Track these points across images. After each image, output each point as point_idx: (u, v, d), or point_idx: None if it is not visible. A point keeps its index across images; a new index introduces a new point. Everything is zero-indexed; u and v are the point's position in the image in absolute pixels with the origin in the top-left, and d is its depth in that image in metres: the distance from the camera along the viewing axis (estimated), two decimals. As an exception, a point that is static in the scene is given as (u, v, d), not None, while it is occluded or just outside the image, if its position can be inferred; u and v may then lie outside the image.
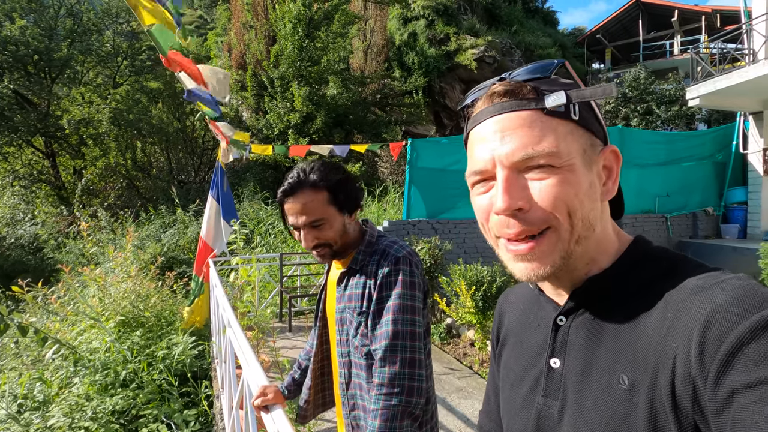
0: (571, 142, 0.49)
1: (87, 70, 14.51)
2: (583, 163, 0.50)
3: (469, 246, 6.67)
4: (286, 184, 1.16)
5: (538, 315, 0.61)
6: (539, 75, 0.51)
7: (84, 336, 3.90)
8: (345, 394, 1.20)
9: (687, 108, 11.39)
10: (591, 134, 0.52)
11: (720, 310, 0.41)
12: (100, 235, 8.42)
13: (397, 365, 1.03)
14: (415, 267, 1.13)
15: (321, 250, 1.17)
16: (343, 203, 1.17)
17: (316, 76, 10.78)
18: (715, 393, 0.39)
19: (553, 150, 0.48)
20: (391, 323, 1.06)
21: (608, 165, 0.53)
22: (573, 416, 0.51)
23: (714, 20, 16.12)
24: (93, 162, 12.78)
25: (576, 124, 0.50)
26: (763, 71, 7.05)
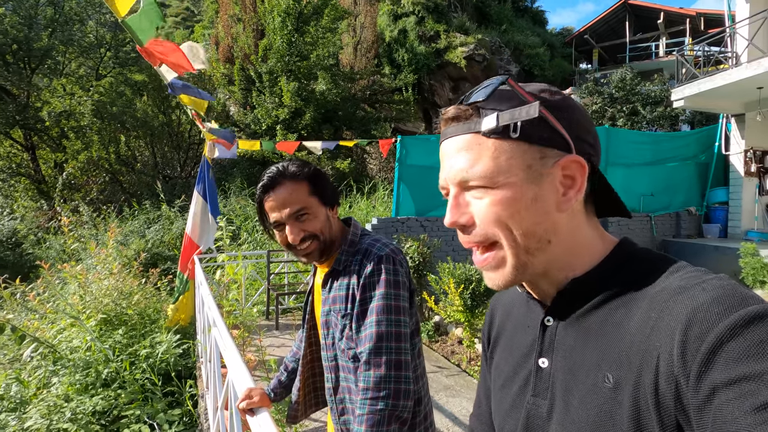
0: (510, 161, 0.51)
1: (69, 60, 14.13)
2: (527, 178, 0.51)
3: (458, 244, 6.68)
4: (265, 179, 1.13)
5: (528, 316, 0.62)
6: (481, 98, 0.53)
7: (64, 334, 3.79)
8: (333, 399, 1.17)
9: (672, 109, 11.58)
10: (541, 147, 0.52)
11: (701, 310, 0.42)
12: (81, 230, 8.21)
13: (382, 368, 1.00)
14: (399, 265, 1.10)
15: (309, 244, 1.12)
16: (323, 194, 1.15)
17: (305, 71, 10.67)
18: (696, 391, 0.40)
19: (485, 172, 0.52)
20: (375, 324, 1.03)
21: (570, 174, 0.53)
22: (561, 415, 0.52)
23: (698, 23, 16.41)
24: (75, 155, 12.45)
25: (517, 141, 0.51)
26: (745, 74, 7.20)
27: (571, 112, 0.54)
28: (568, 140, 0.52)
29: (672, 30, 17.59)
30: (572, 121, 0.53)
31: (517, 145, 0.52)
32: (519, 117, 0.50)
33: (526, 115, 0.50)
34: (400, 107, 13.34)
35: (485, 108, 0.53)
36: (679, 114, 12.23)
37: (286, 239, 1.13)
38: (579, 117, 0.54)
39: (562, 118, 0.52)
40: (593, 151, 0.55)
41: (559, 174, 0.53)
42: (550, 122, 0.52)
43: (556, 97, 0.54)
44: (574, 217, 0.55)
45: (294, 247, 1.13)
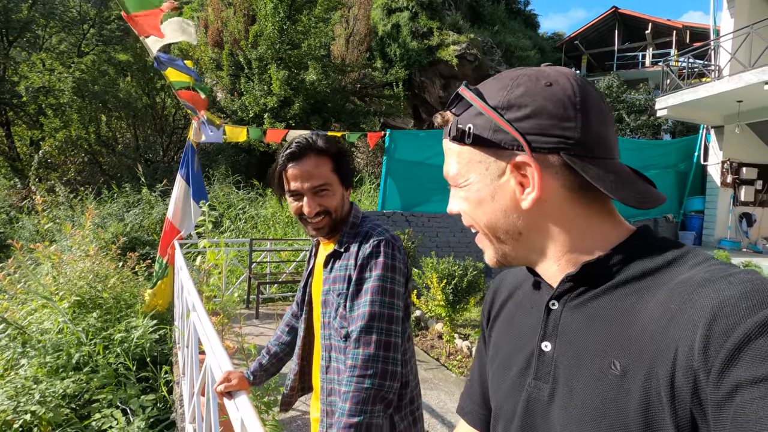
0: (469, 164, 0.56)
1: (49, 35, 13.62)
2: (484, 180, 0.55)
3: (442, 240, 6.72)
4: (293, 147, 1.14)
5: (532, 298, 0.62)
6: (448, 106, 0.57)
7: (35, 316, 3.68)
8: (324, 377, 1.18)
9: (655, 118, 11.86)
10: (496, 150, 0.54)
11: (728, 304, 0.41)
12: (57, 211, 7.97)
13: (371, 347, 1.02)
14: (398, 251, 1.12)
15: (321, 219, 1.15)
16: (344, 174, 1.18)
17: (295, 60, 10.52)
18: (717, 387, 0.39)
19: (452, 173, 0.58)
20: (369, 304, 1.05)
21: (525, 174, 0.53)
22: (563, 399, 0.51)
23: (684, 36, 16.82)
24: (52, 134, 12.04)
25: (473, 146, 0.55)
26: (726, 87, 7.41)
27: (537, 104, 0.51)
28: (519, 140, 0.51)
29: (659, 41, 17.98)
30: (534, 114, 0.51)
31: (472, 149, 0.55)
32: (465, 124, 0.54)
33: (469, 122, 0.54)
34: (390, 102, 13.30)
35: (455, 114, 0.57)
36: (662, 123, 12.53)
37: (300, 209, 1.14)
38: (547, 107, 0.51)
39: (517, 116, 0.51)
40: (570, 143, 0.51)
41: (515, 174, 0.53)
42: (499, 124, 0.52)
43: (514, 92, 0.52)
44: (557, 211, 0.54)
45: (306, 218, 1.15)
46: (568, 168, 0.52)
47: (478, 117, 0.53)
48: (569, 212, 0.54)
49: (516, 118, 0.51)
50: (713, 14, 9.66)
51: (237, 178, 10.18)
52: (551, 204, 0.53)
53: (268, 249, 6.31)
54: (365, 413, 0.97)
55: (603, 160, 0.53)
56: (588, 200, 0.54)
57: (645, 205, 0.53)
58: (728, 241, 8.84)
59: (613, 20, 18.39)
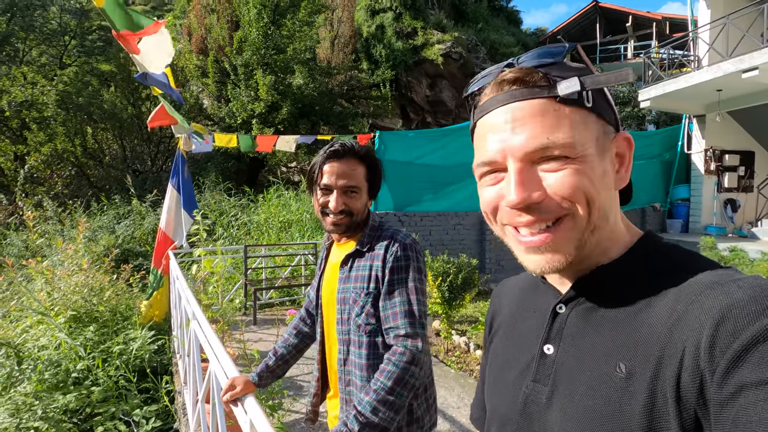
0: (585, 131, 0.48)
1: (29, 48, 13.43)
2: (597, 151, 0.49)
3: (435, 239, 6.78)
4: (337, 146, 1.22)
5: (536, 302, 0.61)
6: (551, 60, 0.50)
7: (30, 333, 3.65)
8: (342, 369, 1.24)
9: (639, 109, 12.05)
10: (604, 121, 0.50)
11: (736, 306, 0.41)
12: (46, 226, 7.87)
13: (419, 341, 1.11)
14: (420, 254, 1.23)
15: (342, 217, 1.22)
16: (373, 183, 1.27)
17: (281, 64, 10.52)
18: (721, 387, 0.39)
19: (567, 140, 0.47)
20: (409, 303, 1.15)
21: (621, 152, 0.52)
22: (564, 402, 0.50)
23: (664, 27, 17.10)
24: (37, 148, 11.88)
25: (589, 112, 0.49)
26: (706, 77, 7.57)
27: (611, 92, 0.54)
28: (617, 117, 0.53)
29: (640, 33, 18.26)
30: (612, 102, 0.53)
31: (589, 115, 0.49)
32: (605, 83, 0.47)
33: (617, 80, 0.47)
34: (378, 103, 13.34)
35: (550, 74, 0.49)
36: (646, 114, 12.74)
37: (326, 203, 1.22)
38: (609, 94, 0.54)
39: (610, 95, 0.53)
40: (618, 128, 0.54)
41: (614, 150, 0.52)
42: (609, 98, 0.51)
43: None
44: (617, 198, 0.54)
45: (328, 213, 1.22)
46: None
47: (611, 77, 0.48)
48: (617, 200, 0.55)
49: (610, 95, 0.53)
50: (690, 5, 9.86)
51: (228, 185, 10.14)
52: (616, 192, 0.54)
53: (263, 255, 6.31)
54: (401, 396, 1.06)
55: None
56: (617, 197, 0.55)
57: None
58: (714, 227, 9.03)
59: (594, 14, 18.64)
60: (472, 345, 4.26)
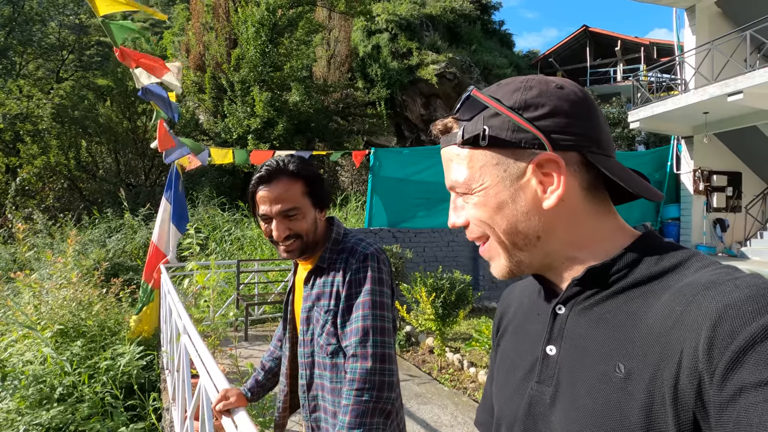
0: (484, 168, 0.54)
1: (26, 62, 13.50)
2: (502, 182, 0.54)
3: (429, 255, 6.78)
4: (263, 171, 1.14)
5: (539, 304, 0.62)
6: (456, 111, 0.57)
7: (15, 347, 3.57)
8: (306, 396, 1.18)
9: (629, 130, 12.30)
10: (514, 149, 0.53)
11: (733, 306, 0.41)
12: (35, 239, 7.77)
13: (369, 361, 1.04)
14: (383, 264, 1.14)
15: (292, 242, 1.14)
16: (317, 197, 1.17)
17: (278, 81, 10.66)
18: (721, 389, 0.39)
19: (461, 181, 0.56)
20: (362, 319, 1.07)
21: (548, 172, 0.52)
22: (566, 402, 0.51)
23: (651, 52, 17.63)
24: (30, 160, 11.82)
25: (488, 148, 0.54)
26: (692, 99, 7.78)
27: (552, 103, 0.52)
28: (540, 138, 0.52)
29: (628, 57, 18.78)
30: (552, 113, 0.52)
31: (488, 151, 0.54)
32: (480, 127, 0.53)
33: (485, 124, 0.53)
34: (373, 121, 13.50)
35: (460, 119, 0.56)
36: (636, 135, 13.00)
37: (270, 233, 1.15)
38: (564, 107, 0.52)
39: (535, 115, 0.52)
40: (586, 141, 0.52)
41: (536, 173, 0.52)
42: (517, 123, 0.52)
43: (529, 93, 0.53)
44: (572, 211, 0.54)
45: (277, 242, 1.15)
46: (584, 166, 0.53)
47: (494, 119, 0.53)
48: (583, 212, 0.54)
49: (535, 117, 0.52)
50: (676, 31, 10.18)
51: (222, 200, 10.12)
52: (568, 203, 0.53)
53: (256, 270, 6.26)
54: (365, 425, 0.99)
55: (613, 158, 0.55)
56: (597, 201, 0.55)
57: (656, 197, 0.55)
58: (704, 246, 9.13)
59: (584, 38, 19.18)
60: (466, 362, 4.22)
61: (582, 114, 0.53)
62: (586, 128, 0.53)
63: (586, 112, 0.53)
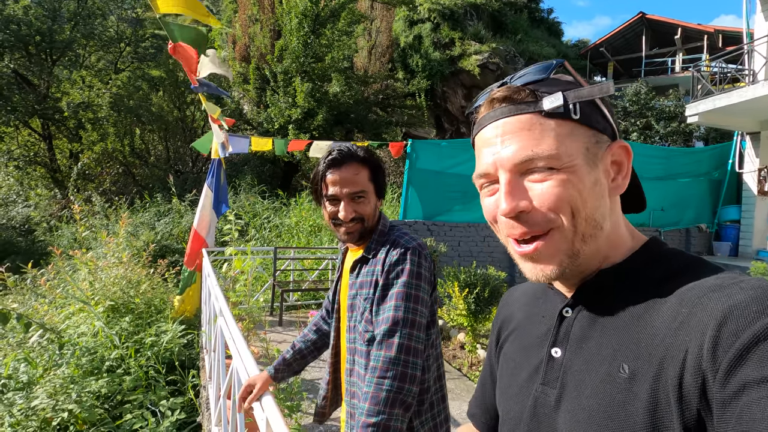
0: (572, 142, 0.50)
1: (89, 54, 14.42)
2: (586, 161, 0.51)
3: (464, 249, 6.68)
4: (335, 154, 1.19)
5: (544, 307, 0.62)
6: (538, 77, 0.53)
7: (72, 319, 3.86)
8: (349, 380, 1.22)
9: (686, 125, 11.49)
10: (595, 131, 0.52)
11: (738, 307, 0.41)
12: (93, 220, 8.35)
13: (393, 350, 1.04)
14: (424, 259, 1.15)
15: (354, 224, 1.19)
16: (379, 185, 1.23)
17: (319, 72, 10.77)
18: (724, 385, 0.39)
19: (551, 152, 0.50)
20: (393, 309, 1.08)
21: (618, 160, 0.54)
22: (571, 404, 0.51)
23: (716, 40, 16.28)
24: (90, 146, 12.69)
25: (577, 123, 0.51)
26: (762, 92, 7.13)
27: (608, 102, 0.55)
28: (614, 127, 0.54)
29: (689, 46, 17.48)
30: (612, 110, 0.55)
31: (578, 127, 0.51)
32: (588, 95, 0.50)
33: (599, 92, 0.51)
34: (412, 112, 13.39)
35: (541, 90, 0.52)
36: (694, 130, 12.12)
37: (335, 213, 1.19)
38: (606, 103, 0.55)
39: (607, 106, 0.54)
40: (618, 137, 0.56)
41: (609, 159, 0.53)
42: (601, 108, 0.53)
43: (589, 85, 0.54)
44: (616, 206, 0.55)
45: (340, 223, 1.19)
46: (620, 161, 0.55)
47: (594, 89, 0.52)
48: (618, 210, 0.56)
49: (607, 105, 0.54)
50: (746, 17, 9.34)
51: (262, 188, 10.43)
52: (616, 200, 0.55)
53: (292, 257, 6.42)
54: (383, 414, 0.99)
55: None
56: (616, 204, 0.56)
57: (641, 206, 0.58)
58: (767, 252, 8.43)
59: (640, 26, 18.01)
60: (498, 361, 4.14)
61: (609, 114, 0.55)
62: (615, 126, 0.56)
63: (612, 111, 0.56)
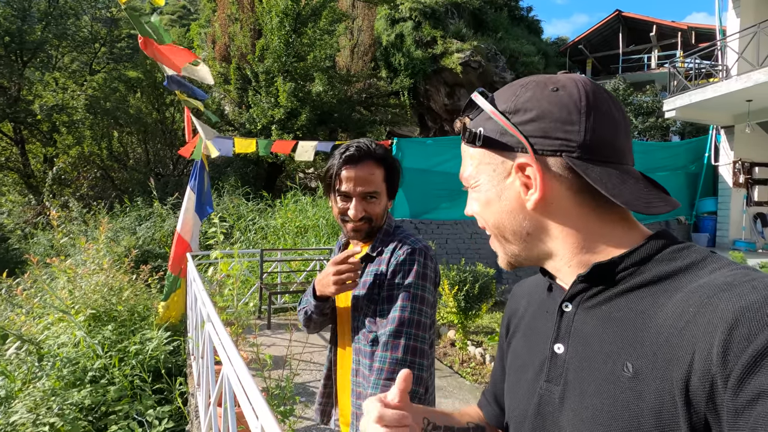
0: (479, 166, 0.59)
1: (62, 55, 13.99)
2: (492, 181, 0.58)
3: (452, 247, 6.71)
4: (353, 151, 1.16)
5: (547, 302, 0.62)
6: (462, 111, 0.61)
7: (51, 330, 3.73)
8: (354, 380, 1.19)
9: (663, 120, 11.78)
10: (502, 152, 0.56)
11: (750, 309, 0.39)
12: (70, 226, 8.10)
13: (399, 351, 1.03)
14: (429, 260, 1.15)
15: (362, 224, 1.17)
16: (392, 186, 1.21)
17: (301, 72, 10.67)
18: (736, 394, 0.38)
19: (466, 175, 0.61)
20: (399, 310, 1.07)
21: (528, 175, 0.54)
22: (575, 402, 0.51)
23: (689, 37, 16.74)
24: (66, 150, 12.31)
25: (482, 148, 0.58)
26: (735, 86, 7.35)
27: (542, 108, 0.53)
28: (523, 143, 0.53)
29: (664, 43, 17.92)
30: (537, 118, 0.53)
31: (482, 151, 0.58)
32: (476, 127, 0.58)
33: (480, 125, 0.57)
34: (396, 111, 13.39)
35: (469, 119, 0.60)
36: (670, 125, 12.44)
37: (345, 210, 1.17)
38: (552, 111, 0.53)
39: (523, 120, 0.53)
40: (572, 146, 0.52)
41: (519, 175, 0.55)
42: (504, 127, 0.55)
43: (521, 98, 0.54)
44: (562, 212, 0.54)
45: (348, 220, 1.17)
46: (572, 170, 0.52)
47: (489, 121, 0.56)
48: (576, 214, 0.54)
49: (521, 122, 0.54)
50: (718, 14, 9.61)
51: (246, 190, 10.28)
52: (557, 205, 0.54)
53: (279, 259, 6.34)
54: None
55: (609, 164, 0.52)
56: (598, 203, 0.54)
57: (650, 210, 0.51)
58: (743, 242, 8.70)
59: (616, 23, 18.38)
60: (488, 356, 4.16)
61: (572, 118, 0.52)
62: (574, 132, 0.52)
63: (576, 116, 0.52)
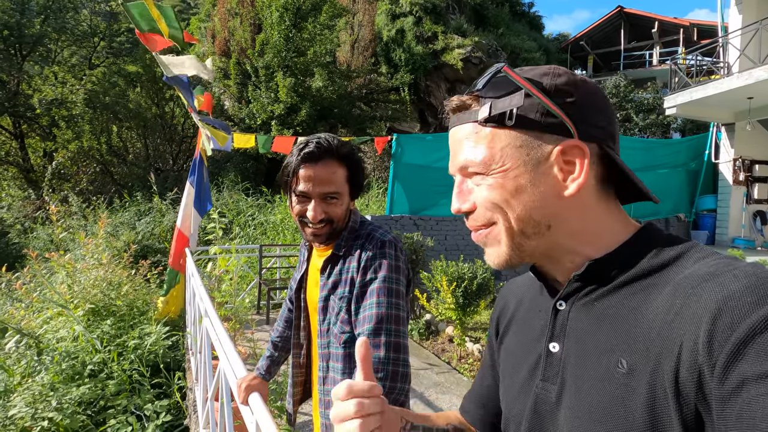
0: (506, 148, 0.53)
1: (61, 49, 13.92)
2: (524, 164, 0.52)
3: (451, 243, 6.71)
4: (312, 148, 1.07)
5: (540, 301, 0.61)
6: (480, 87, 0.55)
7: (50, 324, 3.74)
8: (322, 389, 1.14)
9: (664, 117, 11.75)
10: (539, 133, 0.52)
11: (732, 298, 0.40)
12: (70, 220, 8.10)
13: (381, 349, 0.99)
14: (400, 252, 1.10)
15: (322, 227, 1.10)
16: (356, 186, 1.14)
17: (301, 67, 10.63)
18: (722, 382, 0.38)
19: (482, 159, 0.54)
20: (376, 306, 1.02)
21: (571, 160, 0.52)
22: (571, 400, 0.51)
23: (691, 34, 16.67)
24: (65, 145, 12.28)
25: (514, 129, 0.52)
26: (736, 84, 7.32)
27: (578, 93, 0.52)
28: (568, 125, 0.51)
29: (666, 39, 17.84)
30: (578, 103, 0.52)
31: (513, 132, 0.53)
32: (509, 105, 0.52)
33: (515, 103, 0.51)
34: (396, 107, 13.35)
35: (484, 97, 0.54)
36: (671, 122, 12.41)
37: (303, 212, 1.10)
38: (587, 98, 0.53)
39: (563, 102, 0.52)
40: (605, 135, 0.53)
41: (559, 160, 0.52)
42: (548, 107, 0.51)
43: (558, 80, 0.52)
44: (584, 203, 0.53)
45: (307, 222, 1.11)
46: (600, 159, 0.54)
47: (526, 99, 0.51)
48: (594, 205, 0.54)
49: (564, 104, 0.51)
50: (720, 11, 9.56)
51: (246, 185, 10.27)
52: (583, 194, 0.53)
53: (278, 255, 6.35)
54: None
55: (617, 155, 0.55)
56: (606, 196, 0.55)
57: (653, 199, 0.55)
58: (742, 240, 8.70)
59: (618, 20, 18.29)
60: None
61: (604, 108, 0.54)
62: (607, 123, 0.54)
63: (606, 107, 0.54)
